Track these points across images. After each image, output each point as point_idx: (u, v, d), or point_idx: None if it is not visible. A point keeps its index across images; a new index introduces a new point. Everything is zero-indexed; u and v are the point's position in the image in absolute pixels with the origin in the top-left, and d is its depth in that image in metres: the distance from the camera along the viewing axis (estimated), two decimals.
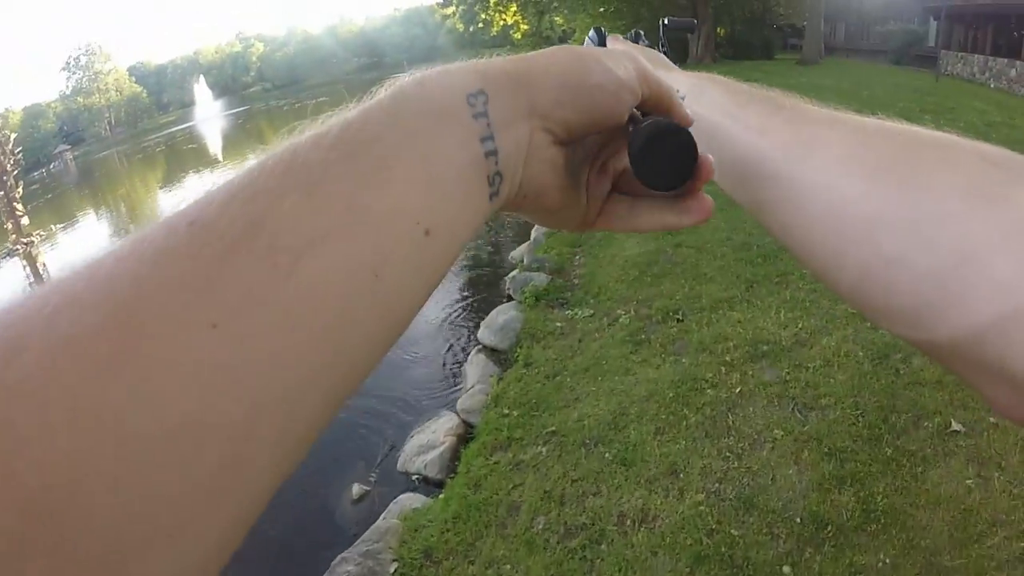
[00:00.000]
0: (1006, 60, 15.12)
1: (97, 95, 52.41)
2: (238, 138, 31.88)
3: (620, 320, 3.76)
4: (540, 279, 4.63)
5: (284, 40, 69.45)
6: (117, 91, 54.00)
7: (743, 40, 23.52)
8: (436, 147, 0.24)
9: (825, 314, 3.45)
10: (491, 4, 25.51)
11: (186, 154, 28.97)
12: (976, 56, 16.84)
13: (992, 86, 15.11)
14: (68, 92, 53.26)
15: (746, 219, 4.78)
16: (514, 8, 25.72)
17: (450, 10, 26.15)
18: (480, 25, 25.82)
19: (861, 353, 3.02)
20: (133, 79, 57.35)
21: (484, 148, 0.25)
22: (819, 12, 20.49)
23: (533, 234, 5.96)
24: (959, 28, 15.65)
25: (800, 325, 3.38)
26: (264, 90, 64.15)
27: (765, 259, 4.38)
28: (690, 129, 0.30)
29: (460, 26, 33.87)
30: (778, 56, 23.69)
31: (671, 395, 2.93)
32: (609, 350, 3.48)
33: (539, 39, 26.74)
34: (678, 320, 3.65)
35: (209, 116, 48.76)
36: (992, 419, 2.43)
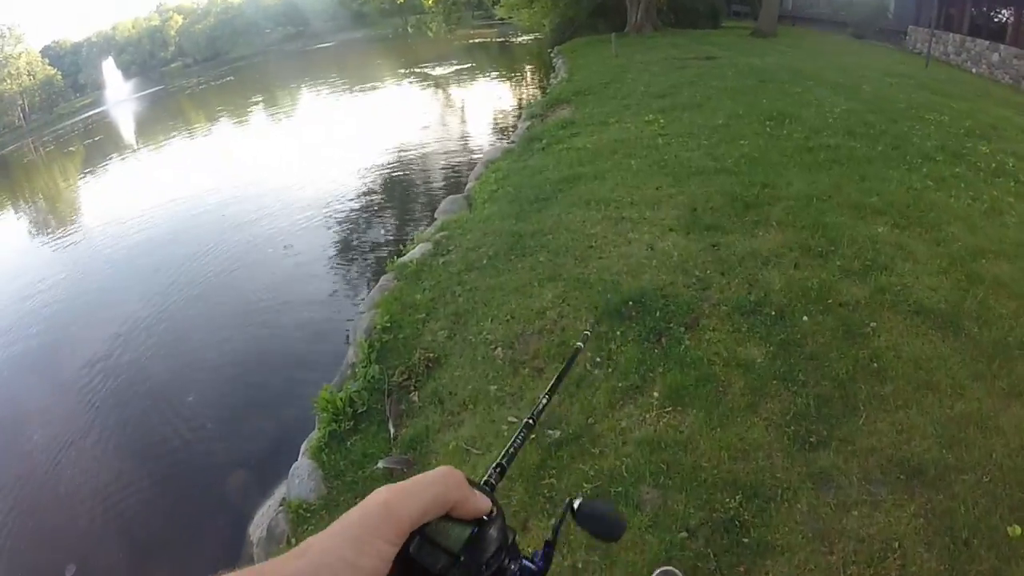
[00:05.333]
0: (987, 43, 14.24)
1: (8, 81, 48.39)
2: (155, 117, 31.66)
3: None
4: None
5: (204, 11, 65.42)
6: (30, 75, 49.78)
7: (687, 6, 21.50)
8: None
9: None
10: None
11: (104, 140, 27.60)
12: (951, 35, 15.75)
13: (973, 71, 14.32)
14: None
15: None
16: None
17: None
18: None
19: None
20: (47, 61, 52.54)
21: None
22: None
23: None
24: (928, 2, 15.09)
25: None
26: (184, 66, 60.33)
27: None
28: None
29: None
30: (724, 24, 21.88)
31: None
32: None
33: (449, 3, 24.41)
34: None
35: (121, 99, 46.25)
36: None
